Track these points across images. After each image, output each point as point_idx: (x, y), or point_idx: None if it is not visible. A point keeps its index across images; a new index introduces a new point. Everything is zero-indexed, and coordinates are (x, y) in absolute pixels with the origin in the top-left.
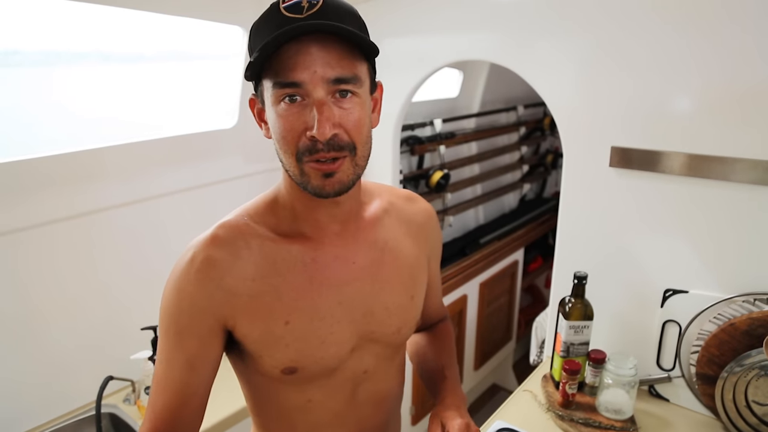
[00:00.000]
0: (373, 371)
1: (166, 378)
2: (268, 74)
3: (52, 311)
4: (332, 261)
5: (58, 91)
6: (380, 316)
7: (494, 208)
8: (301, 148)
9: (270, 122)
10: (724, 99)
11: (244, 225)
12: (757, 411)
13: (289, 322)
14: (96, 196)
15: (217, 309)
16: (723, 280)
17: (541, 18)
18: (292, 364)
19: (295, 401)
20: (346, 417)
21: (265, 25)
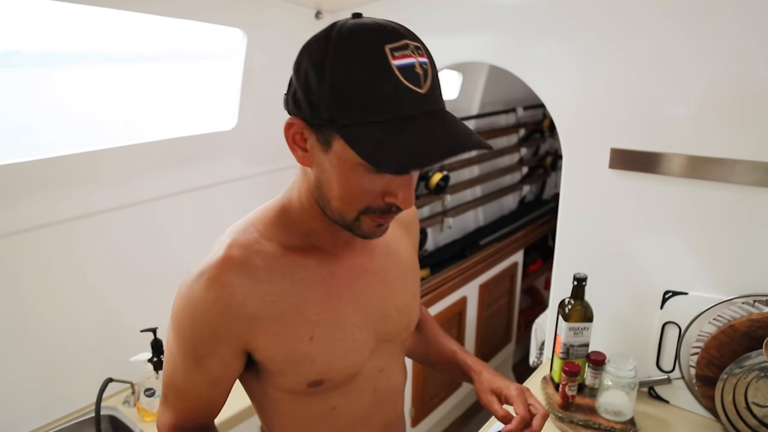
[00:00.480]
0: (387, 368)
1: (188, 390)
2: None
3: (52, 314)
4: (347, 272)
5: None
6: (392, 316)
7: (494, 209)
8: (373, 207)
9: (333, 171)
10: (724, 101)
11: (255, 242)
12: (757, 413)
13: (314, 337)
14: (95, 198)
15: (239, 335)
16: (722, 281)
17: (541, 20)
18: (319, 376)
19: (319, 410)
20: (369, 416)
21: (372, 77)
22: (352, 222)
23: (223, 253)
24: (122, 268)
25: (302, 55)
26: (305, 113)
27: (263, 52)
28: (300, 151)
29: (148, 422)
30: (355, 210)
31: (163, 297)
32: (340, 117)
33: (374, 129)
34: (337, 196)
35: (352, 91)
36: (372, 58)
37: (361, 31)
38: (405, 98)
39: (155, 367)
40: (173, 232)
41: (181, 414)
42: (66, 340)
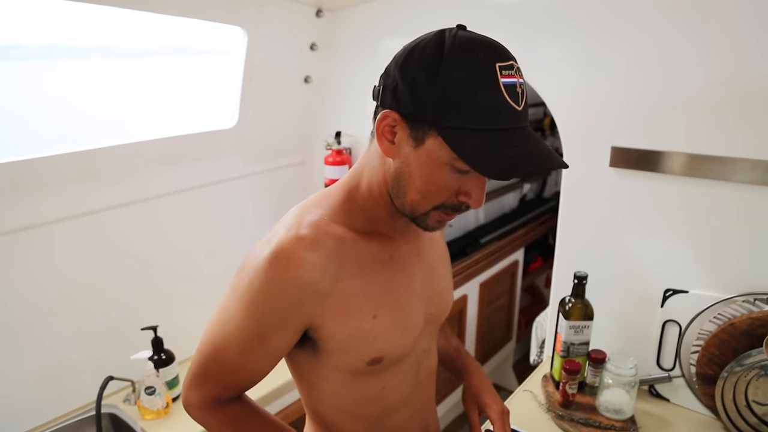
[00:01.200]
0: (429, 349)
1: (240, 362)
2: None
3: (52, 312)
4: (404, 256)
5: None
6: (438, 299)
7: (494, 208)
8: (447, 203)
9: (419, 165)
10: (724, 99)
11: (325, 224)
12: (758, 411)
13: (377, 316)
14: (95, 196)
15: (307, 311)
16: (723, 280)
17: (541, 19)
18: (379, 354)
19: (372, 390)
20: (412, 396)
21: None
22: (421, 215)
23: (297, 233)
24: (123, 267)
25: (410, 56)
26: (406, 109)
27: (264, 50)
28: (387, 143)
29: (148, 420)
30: (429, 205)
31: (163, 295)
32: (445, 119)
33: (477, 136)
34: (417, 189)
35: (462, 98)
36: (484, 72)
37: (475, 46)
38: (506, 113)
39: (156, 366)
40: (174, 230)
41: (225, 386)
42: (66, 339)
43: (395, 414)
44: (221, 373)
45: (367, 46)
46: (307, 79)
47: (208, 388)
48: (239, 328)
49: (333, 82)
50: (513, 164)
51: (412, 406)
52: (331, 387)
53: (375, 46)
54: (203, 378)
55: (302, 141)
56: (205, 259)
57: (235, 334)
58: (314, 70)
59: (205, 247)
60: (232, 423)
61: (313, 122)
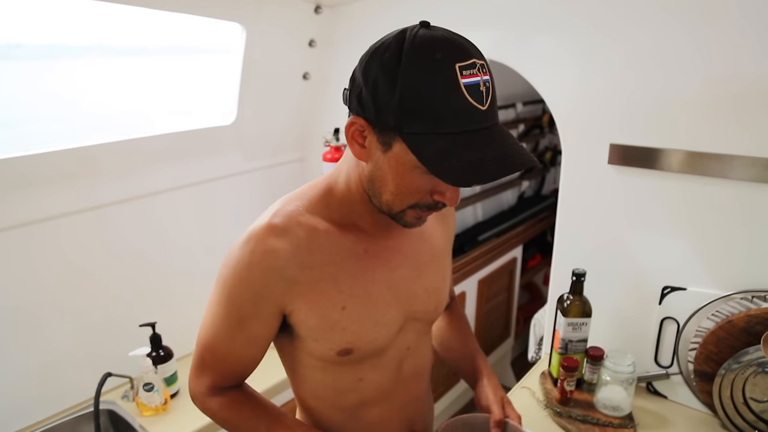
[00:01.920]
0: (414, 347)
1: (228, 350)
2: None
3: (50, 308)
4: (382, 251)
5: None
6: (422, 297)
7: (493, 205)
8: (422, 203)
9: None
10: (723, 96)
11: (299, 214)
12: (755, 408)
13: (346, 307)
14: (94, 192)
15: (279, 296)
16: (721, 277)
17: (539, 16)
18: (348, 345)
19: (347, 381)
20: (393, 392)
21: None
22: (398, 212)
23: (268, 220)
24: (121, 263)
25: (372, 60)
26: (370, 114)
27: (262, 47)
28: (357, 147)
29: (147, 417)
30: (404, 205)
31: (162, 292)
32: (406, 125)
33: (438, 140)
34: (390, 191)
35: (421, 103)
36: (443, 75)
37: (433, 47)
38: (468, 115)
39: (154, 362)
40: (173, 226)
41: (220, 374)
42: (65, 335)
43: (373, 408)
44: (214, 362)
45: (365, 43)
46: (305, 75)
47: (206, 378)
48: (220, 316)
49: (332, 78)
50: (472, 169)
51: (393, 402)
52: (309, 373)
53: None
54: (201, 368)
55: (301, 138)
56: (203, 256)
57: (218, 321)
58: (313, 66)
59: (203, 244)
60: (230, 408)
61: (312, 119)
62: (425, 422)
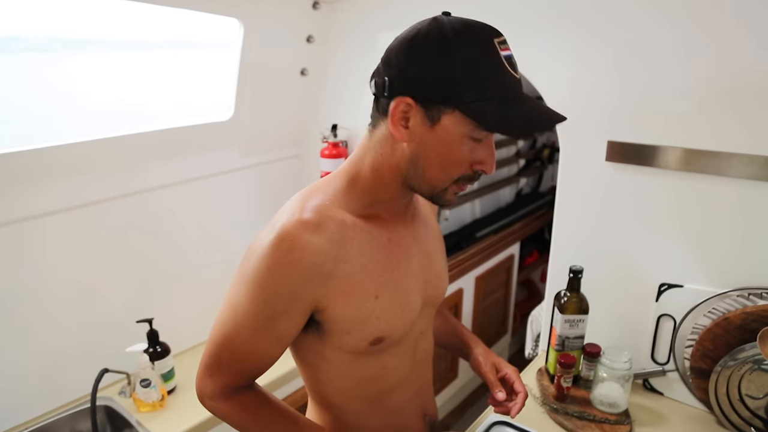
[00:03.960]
0: (425, 331)
1: (250, 348)
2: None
3: (47, 304)
4: (402, 239)
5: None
6: (435, 282)
7: (490, 202)
8: (464, 174)
9: (435, 143)
10: (721, 93)
11: (327, 208)
12: (750, 404)
13: (379, 296)
14: (90, 188)
15: (314, 293)
16: (718, 274)
17: (538, 13)
18: (381, 334)
19: (372, 370)
20: (411, 377)
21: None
22: (441, 191)
23: (300, 217)
24: (118, 259)
25: (414, 43)
26: (419, 93)
27: (260, 43)
28: (401, 129)
29: (143, 413)
30: (449, 178)
31: (159, 288)
32: (463, 96)
33: (491, 106)
34: (437, 165)
35: (475, 74)
36: (489, 49)
37: (474, 27)
38: (511, 82)
39: (151, 358)
40: (170, 222)
41: (236, 373)
42: (62, 331)
43: (395, 394)
44: (233, 361)
45: (363, 39)
46: (303, 71)
47: (221, 377)
48: (249, 314)
49: (329, 74)
50: (527, 123)
51: (411, 387)
52: (334, 368)
53: (372, 39)
54: (216, 367)
55: (298, 134)
56: (201, 252)
57: (245, 320)
58: (311, 62)
59: (201, 240)
60: (246, 410)
61: (310, 115)
62: (434, 406)
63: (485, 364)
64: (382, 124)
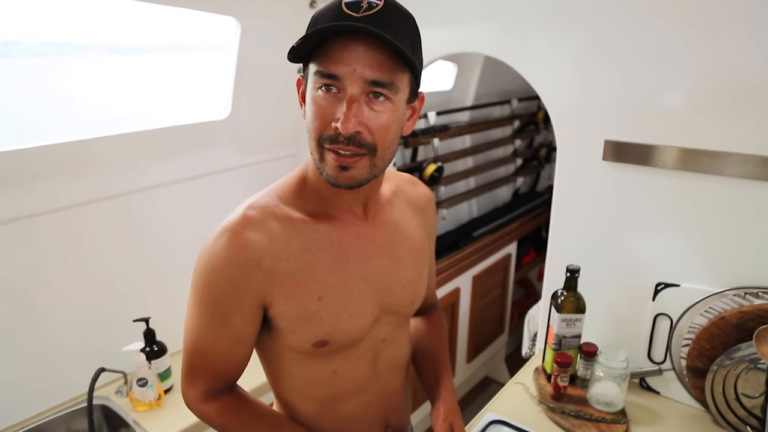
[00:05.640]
0: (390, 339)
1: (215, 350)
2: (315, 61)
3: (44, 303)
4: (356, 240)
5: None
6: (397, 289)
7: (487, 201)
8: (325, 135)
9: (306, 105)
10: (718, 93)
11: (274, 206)
12: (746, 403)
13: (322, 297)
14: (87, 187)
15: (258, 288)
16: (714, 274)
17: (537, 11)
18: (325, 337)
19: (322, 373)
20: (368, 384)
21: (323, 14)
22: (320, 161)
23: (242, 213)
24: (115, 258)
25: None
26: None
27: (257, 41)
28: (303, 107)
29: (140, 412)
30: (315, 141)
31: (156, 287)
32: (295, 51)
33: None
34: (307, 128)
35: (311, 23)
36: (330, 3)
37: None
38: (339, 19)
39: (148, 357)
40: (167, 221)
41: (212, 377)
42: (58, 330)
43: (349, 400)
44: (205, 366)
45: None
46: (300, 70)
47: (199, 382)
48: (204, 316)
49: None
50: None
51: (369, 395)
52: (286, 366)
53: None
54: (192, 374)
55: (296, 132)
56: (198, 251)
57: (203, 323)
58: None
59: (197, 239)
60: (227, 413)
61: None
62: (400, 417)
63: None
64: None
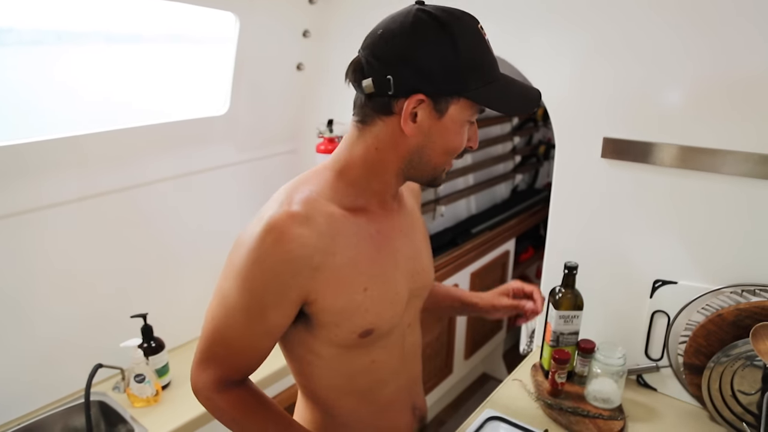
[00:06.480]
0: (413, 324)
1: (243, 342)
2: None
3: (41, 299)
4: (389, 231)
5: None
6: (421, 274)
7: (486, 198)
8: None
9: (441, 132)
10: (716, 91)
11: (314, 200)
12: (743, 400)
13: (367, 288)
14: (84, 182)
15: (303, 285)
16: (711, 271)
17: (536, 10)
18: (370, 326)
19: (361, 364)
20: (400, 370)
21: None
22: (441, 172)
23: (289, 209)
24: (112, 253)
25: (414, 39)
26: (430, 87)
27: (256, 37)
28: (411, 124)
29: (138, 408)
30: (451, 158)
31: (153, 283)
32: (469, 83)
33: (492, 87)
34: (441, 152)
35: (476, 59)
36: (479, 35)
37: (460, 14)
38: (495, 63)
39: (145, 353)
40: (164, 217)
41: (229, 368)
42: (55, 326)
43: (384, 388)
44: (226, 355)
45: (360, 35)
46: (299, 66)
47: (215, 371)
48: (238, 307)
49: (326, 69)
50: (524, 99)
51: (400, 380)
52: (324, 363)
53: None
54: (209, 361)
55: (294, 129)
56: (196, 247)
57: (235, 314)
58: (307, 57)
59: (196, 235)
60: (240, 406)
61: (305, 110)
62: (423, 400)
63: (497, 299)
64: (379, 121)
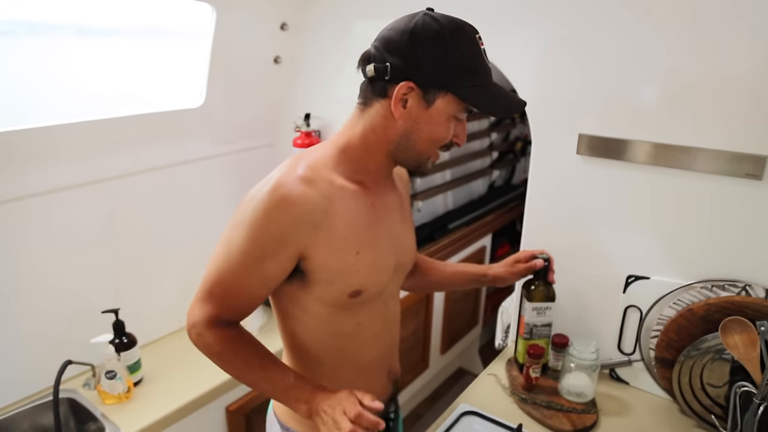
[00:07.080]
0: (395, 293)
1: (240, 286)
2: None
3: (8, 293)
4: (382, 207)
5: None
6: (405, 247)
7: (463, 194)
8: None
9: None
10: (690, 90)
11: (320, 168)
12: (711, 393)
13: (360, 252)
14: (55, 175)
15: (303, 239)
16: (683, 267)
17: (511, 6)
18: (360, 287)
19: (348, 326)
20: (382, 336)
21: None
22: (426, 159)
23: (297, 172)
24: (84, 248)
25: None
26: (420, 78)
27: (233, 29)
28: (400, 108)
29: (108, 405)
30: (436, 148)
31: (126, 277)
32: (460, 81)
33: (479, 90)
34: (426, 140)
35: (468, 63)
36: (475, 43)
37: (462, 24)
38: (488, 71)
39: (117, 349)
40: (139, 210)
41: (224, 308)
42: (24, 321)
43: (367, 351)
44: (222, 296)
45: (338, 28)
46: (276, 59)
47: (210, 309)
48: (240, 253)
49: (303, 63)
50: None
51: (381, 345)
52: (313, 320)
53: (347, 28)
54: (206, 300)
55: (271, 122)
56: (170, 241)
57: (236, 258)
58: (284, 50)
59: (170, 229)
60: (226, 341)
61: (283, 104)
62: (398, 365)
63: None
64: (377, 104)
